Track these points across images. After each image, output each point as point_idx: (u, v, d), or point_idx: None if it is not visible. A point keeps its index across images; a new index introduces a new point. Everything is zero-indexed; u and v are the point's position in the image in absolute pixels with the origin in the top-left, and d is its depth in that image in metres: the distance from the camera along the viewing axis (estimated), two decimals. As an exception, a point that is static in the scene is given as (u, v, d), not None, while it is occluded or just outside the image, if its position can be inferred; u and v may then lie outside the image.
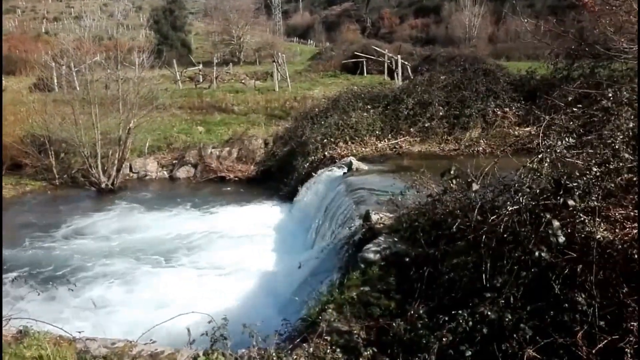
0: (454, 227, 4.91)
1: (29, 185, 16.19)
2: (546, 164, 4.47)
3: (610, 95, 5.20)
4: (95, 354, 4.53)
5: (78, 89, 18.00)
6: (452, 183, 5.19)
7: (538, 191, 4.27)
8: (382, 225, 6.91)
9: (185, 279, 9.37)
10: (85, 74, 17.12)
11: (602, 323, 3.55)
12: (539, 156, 4.54)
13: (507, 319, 3.81)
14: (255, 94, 23.87)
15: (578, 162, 4.57)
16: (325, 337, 4.39)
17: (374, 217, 7.15)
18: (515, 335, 3.71)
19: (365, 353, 4.15)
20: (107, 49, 22.06)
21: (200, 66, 31.99)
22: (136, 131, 16.54)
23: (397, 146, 13.94)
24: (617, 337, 3.46)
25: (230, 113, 21.25)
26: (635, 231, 3.83)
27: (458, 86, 15.23)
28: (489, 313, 3.86)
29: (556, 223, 3.81)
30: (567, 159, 4.61)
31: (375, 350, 4.23)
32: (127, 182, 16.93)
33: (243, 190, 15.92)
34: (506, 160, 5.60)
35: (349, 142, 14.15)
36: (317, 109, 17.10)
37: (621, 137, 4.36)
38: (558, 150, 4.55)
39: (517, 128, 13.82)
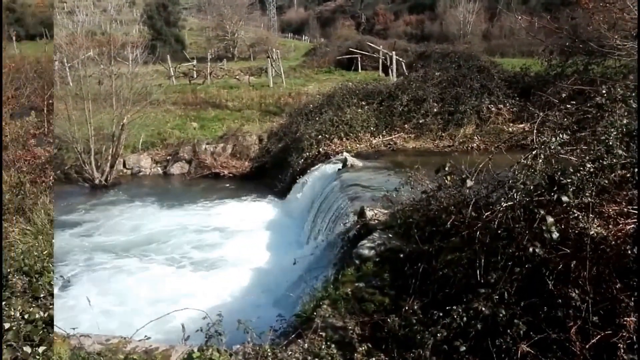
0: (448, 223, 4.92)
1: (22, 181, 16.04)
2: (540, 161, 4.48)
3: (604, 91, 5.21)
4: (90, 351, 4.51)
5: (71, 84, 17.91)
6: (447, 179, 5.19)
7: (532, 187, 4.27)
8: (376, 221, 6.92)
9: (178, 275, 9.35)
10: (79, 70, 16.98)
11: (595, 318, 3.56)
12: (533, 152, 4.54)
13: (501, 315, 3.82)
14: (249, 89, 23.81)
15: (572, 158, 4.57)
16: (320, 333, 4.40)
17: (369, 213, 7.15)
18: (509, 331, 3.72)
19: (360, 349, 4.16)
20: (100, 44, 21.87)
21: (194, 62, 31.86)
22: (130, 127, 16.46)
23: (391, 142, 13.95)
24: (610, 332, 3.47)
25: (225, 109, 21.18)
26: (628, 227, 3.85)
27: (452, 83, 15.25)
28: (483, 309, 3.87)
29: (550, 219, 3.82)
30: (561, 156, 4.61)
31: (370, 345, 4.24)
32: (121, 178, 16.83)
33: (237, 187, 15.87)
34: (500, 156, 5.59)
35: (344, 139, 14.15)
36: (311, 105, 17.05)
37: (615, 133, 4.37)
38: (552, 147, 4.55)
39: (511, 124, 13.86)
